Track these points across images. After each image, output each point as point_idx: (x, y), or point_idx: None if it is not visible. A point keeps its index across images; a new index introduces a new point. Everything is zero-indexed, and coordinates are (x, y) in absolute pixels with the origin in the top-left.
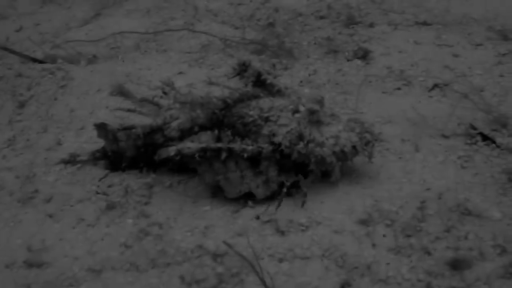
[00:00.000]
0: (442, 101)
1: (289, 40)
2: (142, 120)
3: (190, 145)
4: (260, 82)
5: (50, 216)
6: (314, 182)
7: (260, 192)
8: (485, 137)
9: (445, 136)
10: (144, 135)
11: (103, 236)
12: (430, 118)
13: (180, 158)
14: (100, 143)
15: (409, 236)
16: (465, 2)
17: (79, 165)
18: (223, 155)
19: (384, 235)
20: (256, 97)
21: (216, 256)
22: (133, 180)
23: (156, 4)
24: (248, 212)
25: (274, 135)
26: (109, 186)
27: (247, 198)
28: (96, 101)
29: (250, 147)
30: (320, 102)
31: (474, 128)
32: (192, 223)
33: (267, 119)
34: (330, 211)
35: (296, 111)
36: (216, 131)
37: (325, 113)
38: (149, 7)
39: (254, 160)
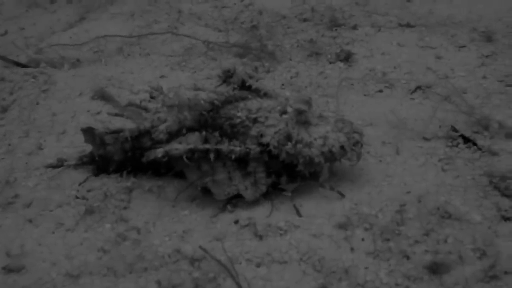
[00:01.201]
0: (424, 104)
1: (272, 43)
2: (124, 124)
3: (178, 147)
4: (245, 88)
5: (30, 221)
6: (301, 183)
7: (249, 194)
8: (466, 140)
9: (426, 139)
10: (131, 139)
11: (81, 241)
12: (412, 120)
13: (167, 159)
14: (81, 147)
15: (388, 240)
16: (449, 3)
17: (60, 169)
18: (211, 156)
19: (362, 239)
20: (244, 99)
21: (193, 261)
22: (112, 184)
23: (141, 8)
24: (227, 216)
25: (262, 135)
26: (89, 191)
27: (237, 199)
28: (77, 105)
29: (238, 148)
30: (308, 102)
31: (455, 130)
32: (171, 227)
33: (255, 120)
34: (309, 214)
35: (284, 112)
36: (203, 133)
37: (313, 114)
38: (134, 11)
39: (242, 161)
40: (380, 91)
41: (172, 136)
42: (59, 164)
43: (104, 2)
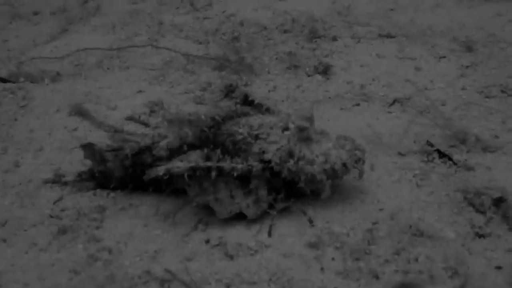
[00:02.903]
0: (400, 117)
1: (251, 56)
2: (98, 141)
3: (179, 164)
4: (247, 103)
5: (4, 240)
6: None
7: (251, 212)
8: (442, 154)
9: (401, 154)
10: (132, 155)
11: (53, 262)
12: (387, 135)
13: (169, 177)
14: (56, 164)
15: (358, 259)
16: (432, 12)
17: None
18: (213, 174)
19: (333, 259)
20: (245, 114)
21: (163, 282)
22: (86, 203)
23: (122, 20)
24: (199, 236)
25: (264, 152)
26: (63, 210)
27: (239, 218)
28: (55, 121)
29: (240, 166)
30: (310, 119)
31: (431, 145)
32: (142, 247)
33: (257, 137)
34: (280, 233)
35: (285, 128)
36: (205, 150)
37: (315, 130)
38: (115, 23)
39: (244, 179)
40: (357, 104)
41: (173, 152)
42: (57, 179)
43: (86, 14)
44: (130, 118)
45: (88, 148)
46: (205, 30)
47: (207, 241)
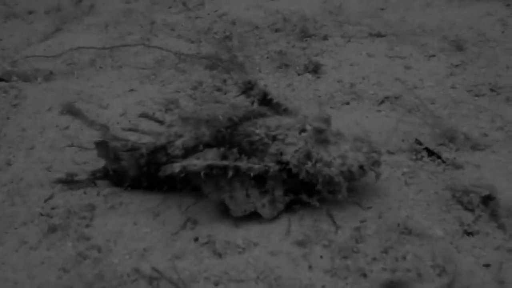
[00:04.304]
0: (390, 116)
1: (242, 55)
2: (90, 140)
3: (196, 162)
4: (266, 101)
5: None
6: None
7: (266, 212)
8: (430, 152)
9: (390, 152)
10: (147, 154)
11: (43, 260)
12: (376, 133)
13: (185, 175)
14: (48, 163)
15: (346, 257)
16: (422, 11)
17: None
18: (230, 173)
19: (321, 257)
20: (263, 115)
21: (152, 280)
22: (76, 201)
23: (115, 19)
24: (187, 234)
25: (281, 154)
26: (53, 208)
27: (254, 217)
28: (46, 120)
29: (257, 166)
30: (327, 121)
31: (420, 143)
32: (131, 245)
33: (274, 138)
34: (268, 232)
35: (303, 130)
36: (222, 149)
37: (332, 132)
38: (108, 22)
39: (260, 179)
40: (347, 103)
41: (188, 152)
42: (69, 179)
43: (80, 13)
44: (144, 115)
45: (102, 146)
46: (197, 29)
47: (196, 239)
